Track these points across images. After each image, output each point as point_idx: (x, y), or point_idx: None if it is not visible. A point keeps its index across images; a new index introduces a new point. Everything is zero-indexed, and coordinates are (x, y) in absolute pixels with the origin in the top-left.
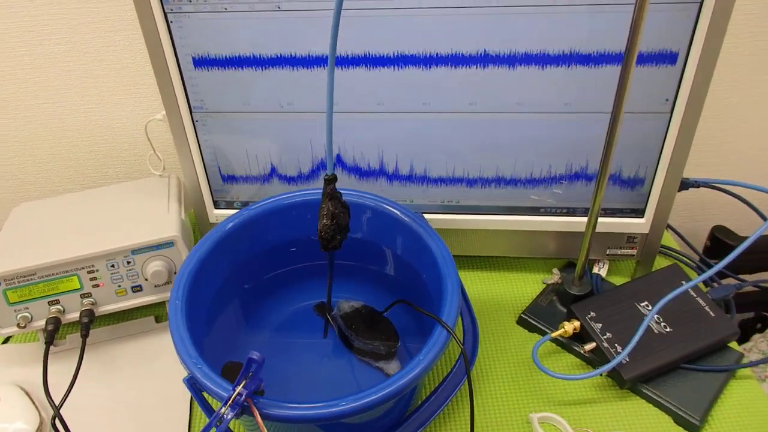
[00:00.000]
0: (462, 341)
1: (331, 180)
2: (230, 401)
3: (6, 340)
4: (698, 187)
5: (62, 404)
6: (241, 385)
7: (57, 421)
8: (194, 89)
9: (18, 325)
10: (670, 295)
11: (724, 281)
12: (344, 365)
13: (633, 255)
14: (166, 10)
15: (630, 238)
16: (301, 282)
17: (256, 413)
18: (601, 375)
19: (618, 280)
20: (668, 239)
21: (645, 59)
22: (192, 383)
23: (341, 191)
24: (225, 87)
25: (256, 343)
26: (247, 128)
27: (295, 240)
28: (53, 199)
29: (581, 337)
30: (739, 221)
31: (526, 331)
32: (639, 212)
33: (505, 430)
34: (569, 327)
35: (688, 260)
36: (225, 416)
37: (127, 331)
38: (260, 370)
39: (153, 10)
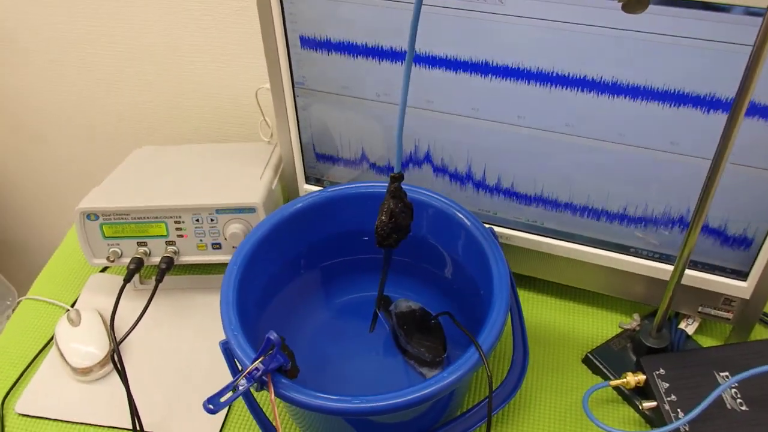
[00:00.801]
0: (510, 368)
1: (396, 178)
2: (245, 373)
3: (104, 270)
4: None
5: (122, 341)
6: (258, 360)
7: (114, 356)
8: (298, 65)
9: (108, 258)
10: (758, 370)
11: None
12: (389, 363)
13: (729, 319)
14: None
15: (727, 300)
16: (367, 272)
17: (271, 390)
18: None
19: (707, 342)
20: None
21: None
22: (226, 347)
23: (411, 188)
24: (327, 68)
25: (311, 324)
26: (343, 111)
27: (367, 230)
28: (170, 148)
29: (644, 392)
30: None
31: (590, 372)
32: (742, 275)
33: None
34: (632, 379)
35: None
36: (239, 387)
37: (206, 284)
38: (279, 350)
39: None
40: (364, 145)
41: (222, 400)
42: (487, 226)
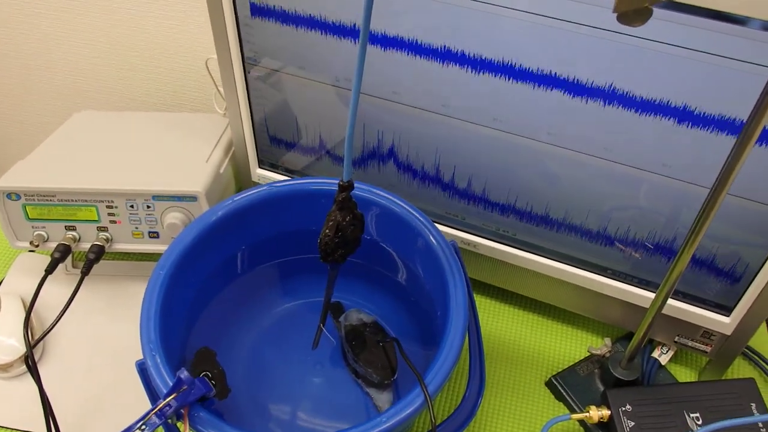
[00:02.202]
0: (463, 397)
1: (345, 188)
2: (155, 410)
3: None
4: None
5: (40, 340)
6: (170, 397)
7: (28, 360)
8: (249, 38)
9: (31, 242)
10: (730, 422)
11: None
12: (335, 378)
13: (706, 352)
14: None
15: (707, 333)
16: (316, 273)
17: (186, 426)
18: None
19: (680, 372)
20: (762, 339)
21: None
22: (142, 369)
23: (368, 188)
24: (281, 44)
25: (252, 332)
26: (299, 94)
27: (318, 229)
28: (113, 114)
29: (607, 427)
30: None
31: (553, 397)
32: (725, 309)
33: None
34: (595, 414)
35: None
36: (149, 423)
37: (145, 271)
38: (193, 390)
39: None
40: (322, 131)
41: None
42: (449, 240)
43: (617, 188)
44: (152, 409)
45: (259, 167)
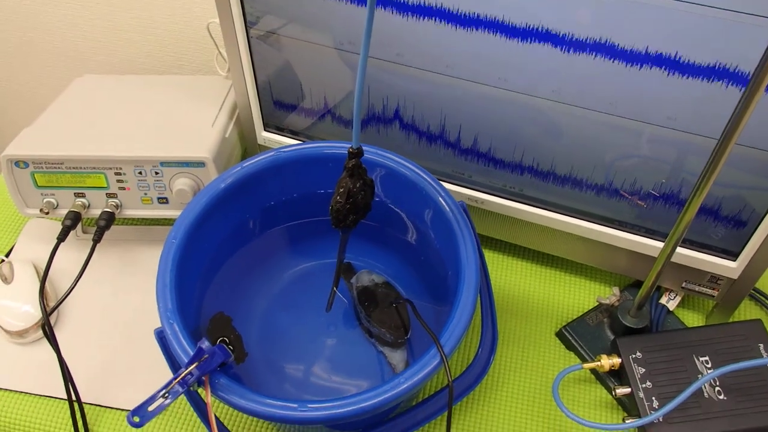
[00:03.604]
0: (476, 354)
1: (354, 154)
2: (177, 379)
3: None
4: None
5: (56, 308)
6: (192, 366)
7: (45, 327)
8: (251, 1)
9: (41, 210)
10: (742, 364)
11: None
12: (349, 338)
13: (713, 296)
14: None
15: (714, 278)
16: (327, 235)
17: (208, 392)
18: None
19: (688, 317)
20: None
21: None
22: (161, 337)
23: (378, 151)
24: (284, 6)
25: (265, 295)
26: (302, 58)
27: (328, 192)
28: (115, 79)
29: (619, 375)
30: None
31: (563, 347)
32: (731, 254)
33: None
34: (606, 362)
35: None
36: (170, 394)
37: (155, 236)
38: (213, 358)
39: None
40: (327, 93)
41: (150, 409)
42: (458, 200)
43: (623, 142)
44: (174, 378)
45: (265, 130)
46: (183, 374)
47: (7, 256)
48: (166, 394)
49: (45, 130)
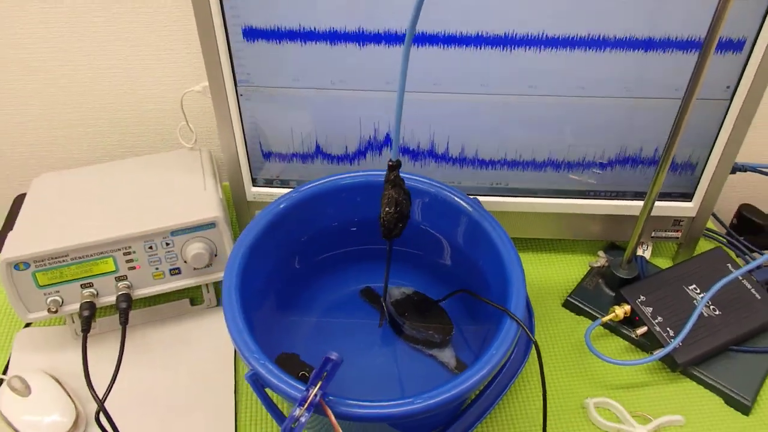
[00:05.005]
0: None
1: (395, 166)
2: (307, 403)
3: (28, 324)
4: (744, 171)
5: (106, 397)
6: (317, 386)
7: (102, 416)
8: (241, 62)
9: (49, 310)
10: (722, 281)
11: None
12: (396, 353)
13: (677, 238)
14: None
15: (676, 221)
16: (347, 266)
17: (330, 414)
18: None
19: (660, 262)
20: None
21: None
22: (254, 380)
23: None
24: (274, 61)
25: (304, 328)
26: (294, 104)
27: (345, 223)
28: (78, 171)
29: (631, 321)
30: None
31: (573, 314)
32: (687, 196)
33: (561, 415)
34: (620, 311)
35: (721, 238)
36: (299, 418)
37: (162, 315)
38: (336, 371)
39: None
40: (318, 136)
41: (294, 426)
42: (472, 197)
43: (592, 118)
44: (303, 401)
45: (254, 186)
46: (311, 395)
47: (3, 373)
48: (297, 418)
49: (33, 230)
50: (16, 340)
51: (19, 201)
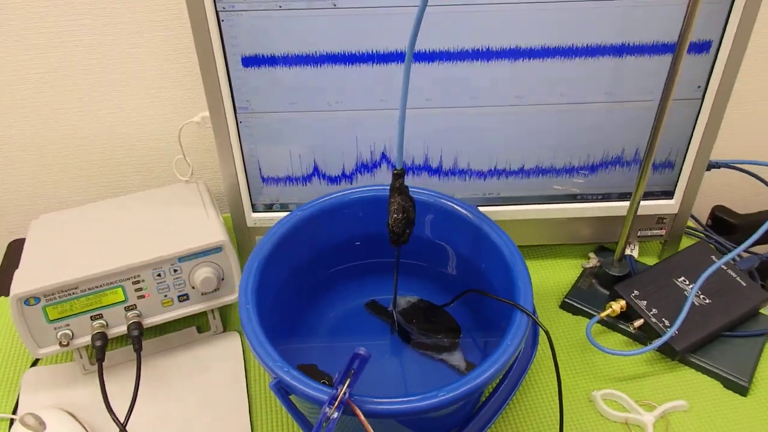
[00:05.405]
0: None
1: (400, 174)
2: (337, 401)
3: (35, 363)
4: (719, 168)
5: (126, 423)
6: (346, 384)
7: None
8: (241, 89)
9: (60, 344)
10: (709, 271)
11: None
12: (407, 360)
13: (662, 235)
14: (218, 9)
15: (660, 219)
16: (351, 281)
17: (358, 411)
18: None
19: (648, 260)
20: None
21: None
22: (279, 387)
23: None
24: (273, 87)
25: (313, 343)
26: (291, 128)
27: (348, 238)
28: (75, 210)
29: (626, 315)
30: (736, 200)
31: (570, 314)
32: (669, 194)
33: (571, 408)
34: (616, 306)
35: (701, 235)
36: (331, 417)
37: (170, 344)
38: (363, 367)
39: (205, 10)
40: (316, 157)
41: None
42: (470, 204)
43: (576, 123)
44: (333, 399)
45: (254, 212)
46: (340, 394)
47: (13, 413)
48: (329, 416)
49: (40, 266)
50: (23, 379)
51: (13, 246)
